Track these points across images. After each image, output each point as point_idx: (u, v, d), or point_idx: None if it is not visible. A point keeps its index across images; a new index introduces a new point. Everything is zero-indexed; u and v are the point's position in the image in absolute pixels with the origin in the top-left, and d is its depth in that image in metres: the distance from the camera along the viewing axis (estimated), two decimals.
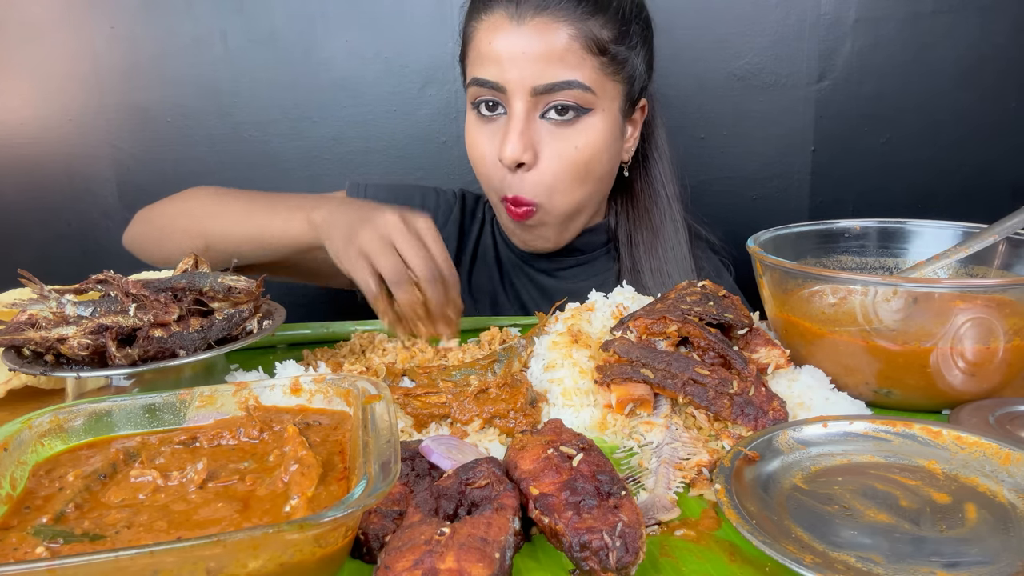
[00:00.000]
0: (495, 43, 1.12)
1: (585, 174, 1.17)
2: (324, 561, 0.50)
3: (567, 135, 1.14)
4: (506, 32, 1.11)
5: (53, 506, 0.56)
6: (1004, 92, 1.73)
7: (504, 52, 1.11)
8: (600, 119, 1.15)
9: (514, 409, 0.78)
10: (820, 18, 1.69)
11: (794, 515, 0.62)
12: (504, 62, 1.11)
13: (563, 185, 1.16)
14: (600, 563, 0.53)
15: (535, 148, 1.13)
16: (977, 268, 0.96)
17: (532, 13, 1.10)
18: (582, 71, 1.11)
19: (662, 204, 1.29)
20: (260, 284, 0.89)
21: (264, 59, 1.76)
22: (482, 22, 1.15)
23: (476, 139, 1.19)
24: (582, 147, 1.14)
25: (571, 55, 1.10)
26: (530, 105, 1.12)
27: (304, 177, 1.84)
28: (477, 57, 1.15)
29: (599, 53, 1.12)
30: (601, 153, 1.17)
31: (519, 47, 1.10)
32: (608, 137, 1.17)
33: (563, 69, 1.11)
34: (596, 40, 1.11)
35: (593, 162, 1.16)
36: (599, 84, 1.13)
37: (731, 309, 0.86)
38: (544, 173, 1.14)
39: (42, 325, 0.79)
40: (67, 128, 1.82)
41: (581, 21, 1.11)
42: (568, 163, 1.14)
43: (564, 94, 1.11)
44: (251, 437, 0.65)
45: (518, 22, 1.10)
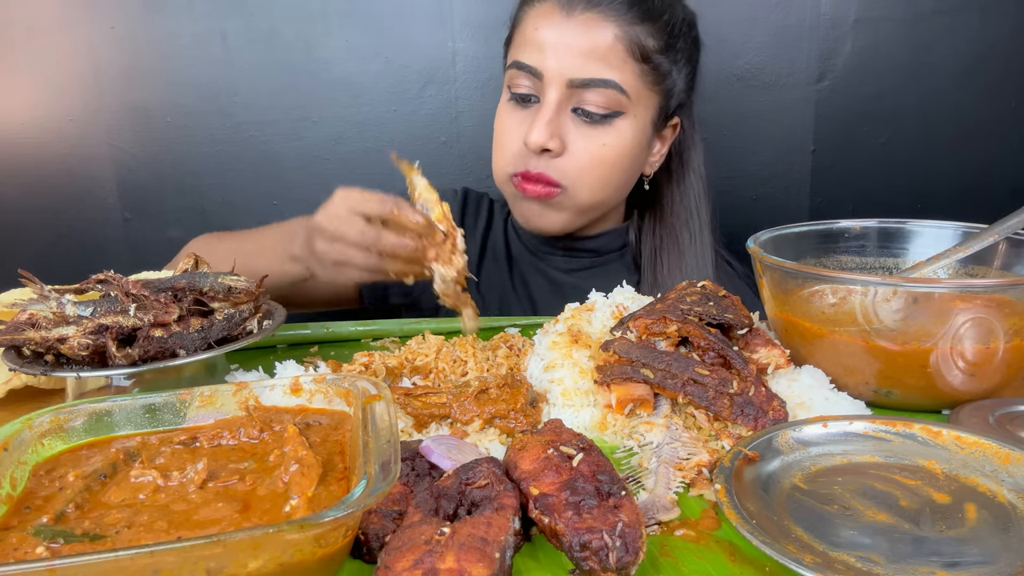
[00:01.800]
0: (541, 30, 1.15)
1: (610, 173, 1.19)
2: (324, 561, 0.50)
3: (595, 132, 1.16)
4: (554, 21, 1.14)
5: (53, 506, 0.56)
6: (1004, 92, 1.73)
7: (549, 40, 1.14)
8: (630, 124, 1.17)
9: (514, 409, 0.78)
10: (820, 18, 1.69)
11: (794, 515, 0.62)
12: (547, 50, 1.14)
13: (589, 176, 1.18)
14: (600, 563, 0.53)
15: (562, 138, 1.16)
16: (977, 268, 0.96)
17: (583, 7, 1.13)
18: (621, 73, 1.14)
19: (693, 227, 1.30)
20: (260, 284, 0.89)
21: (264, 59, 1.76)
22: (534, 8, 1.17)
23: (505, 120, 1.21)
24: (609, 146, 1.17)
25: (613, 55, 1.13)
26: (564, 96, 1.14)
27: (304, 177, 1.84)
28: (522, 42, 1.18)
29: (641, 60, 1.14)
30: (625, 157, 1.19)
31: (564, 38, 1.13)
32: (635, 144, 1.19)
33: (603, 67, 1.13)
34: (641, 46, 1.14)
35: (618, 163, 1.19)
36: (635, 90, 1.15)
37: (731, 309, 0.86)
38: (570, 162, 1.17)
39: (42, 325, 0.79)
40: (67, 128, 1.82)
41: (629, 24, 1.13)
42: (594, 157, 1.17)
43: (599, 92, 1.14)
44: (251, 437, 0.65)
45: (567, 13, 1.13)
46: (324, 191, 1.89)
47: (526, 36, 1.18)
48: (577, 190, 1.19)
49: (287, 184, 1.84)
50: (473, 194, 1.42)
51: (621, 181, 1.23)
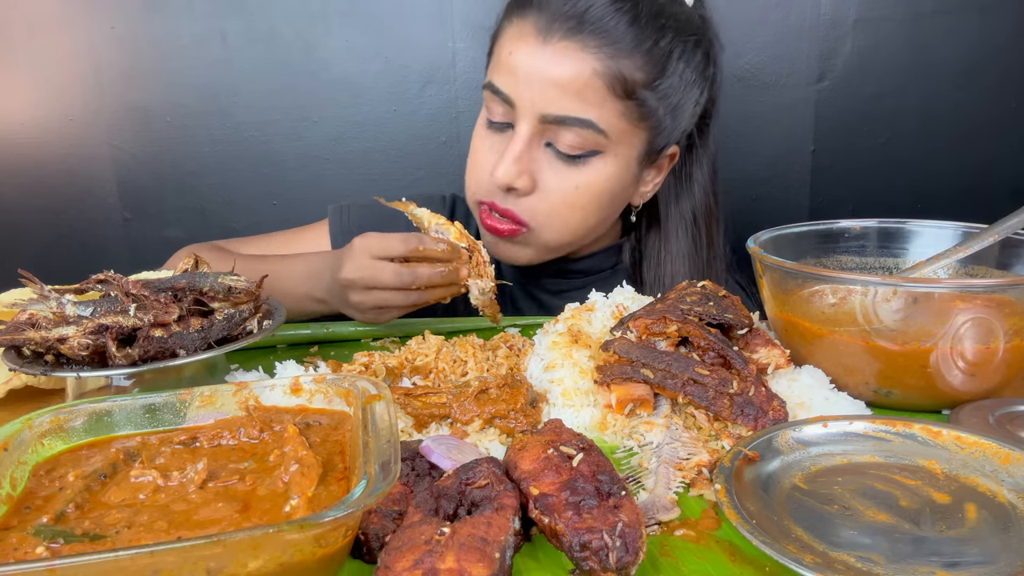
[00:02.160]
0: (515, 55, 1.04)
1: (582, 215, 1.10)
2: (324, 561, 0.50)
3: (569, 172, 1.06)
4: (529, 47, 1.02)
5: (53, 506, 0.56)
6: (1004, 92, 1.73)
7: (522, 68, 1.03)
8: (609, 164, 1.07)
9: (514, 409, 0.78)
10: (820, 18, 1.69)
11: (794, 515, 0.62)
12: (520, 78, 1.03)
13: (557, 220, 1.09)
14: (600, 563, 0.53)
15: (532, 175, 1.06)
16: (977, 268, 0.96)
17: (561, 35, 1.00)
18: (600, 111, 1.02)
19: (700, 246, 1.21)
20: (260, 284, 0.89)
21: (264, 59, 1.76)
22: (512, 26, 1.06)
23: (479, 144, 1.13)
24: (583, 188, 1.07)
25: (591, 92, 1.01)
26: (536, 130, 1.04)
27: (304, 177, 1.84)
28: (497, 62, 1.08)
29: (624, 96, 1.02)
30: (602, 198, 1.09)
31: (538, 67, 1.01)
32: (614, 183, 1.09)
33: (579, 104, 1.01)
34: (624, 82, 1.02)
35: (592, 206, 1.09)
36: (616, 129, 1.04)
37: (731, 309, 0.86)
38: (540, 203, 1.08)
39: (42, 325, 0.79)
40: (67, 128, 1.82)
41: (613, 58, 1.01)
42: (566, 201, 1.07)
43: (574, 131, 1.03)
44: (251, 437, 0.65)
45: (544, 39, 1.01)
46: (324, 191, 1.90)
47: (501, 58, 1.06)
48: (544, 231, 1.10)
49: (287, 184, 1.84)
50: (462, 203, 1.35)
51: (596, 222, 1.13)
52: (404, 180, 1.83)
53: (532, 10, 1.03)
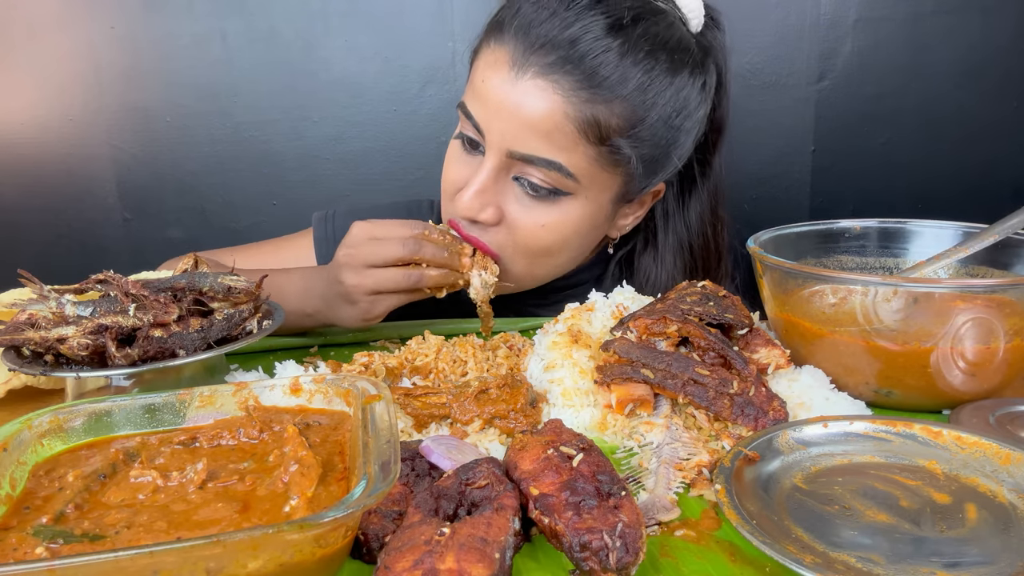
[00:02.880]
0: (487, 83, 0.98)
1: (546, 254, 1.05)
2: (324, 561, 0.50)
3: (536, 210, 1.01)
4: (502, 78, 0.96)
5: (53, 506, 0.56)
6: (1005, 93, 1.73)
7: (493, 99, 0.97)
8: (579, 205, 1.01)
9: (514, 409, 0.78)
10: (820, 18, 1.69)
11: (794, 515, 0.62)
12: (490, 109, 0.97)
13: (525, 258, 1.05)
14: (600, 563, 0.53)
15: (499, 207, 1.01)
16: (977, 268, 0.96)
17: (535, 71, 0.94)
18: (570, 156, 0.96)
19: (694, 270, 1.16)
20: (260, 284, 0.89)
21: (264, 59, 1.76)
22: (488, 51, 1.00)
23: (451, 159, 1.07)
24: (549, 226, 1.01)
25: (562, 135, 0.95)
26: (503, 164, 0.99)
27: (304, 177, 1.84)
28: (472, 84, 1.03)
29: (597, 143, 0.96)
30: (570, 238, 1.04)
31: (508, 101, 0.95)
32: (584, 224, 1.04)
33: (548, 146, 0.95)
34: (598, 127, 0.95)
35: (559, 244, 1.04)
36: (588, 174, 0.98)
37: (731, 309, 0.86)
38: (505, 236, 1.03)
39: (42, 325, 0.79)
40: (67, 128, 1.82)
41: (586, 102, 0.94)
42: (531, 238, 1.02)
43: (542, 172, 0.97)
44: (251, 437, 0.65)
45: (518, 73, 0.95)
46: (324, 191, 1.89)
47: (475, 82, 1.01)
48: (512, 265, 1.05)
49: (287, 184, 1.84)
50: None
51: (564, 260, 1.08)
52: (404, 180, 1.83)
53: (509, 36, 0.97)
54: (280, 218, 1.85)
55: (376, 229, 0.97)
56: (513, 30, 0.97)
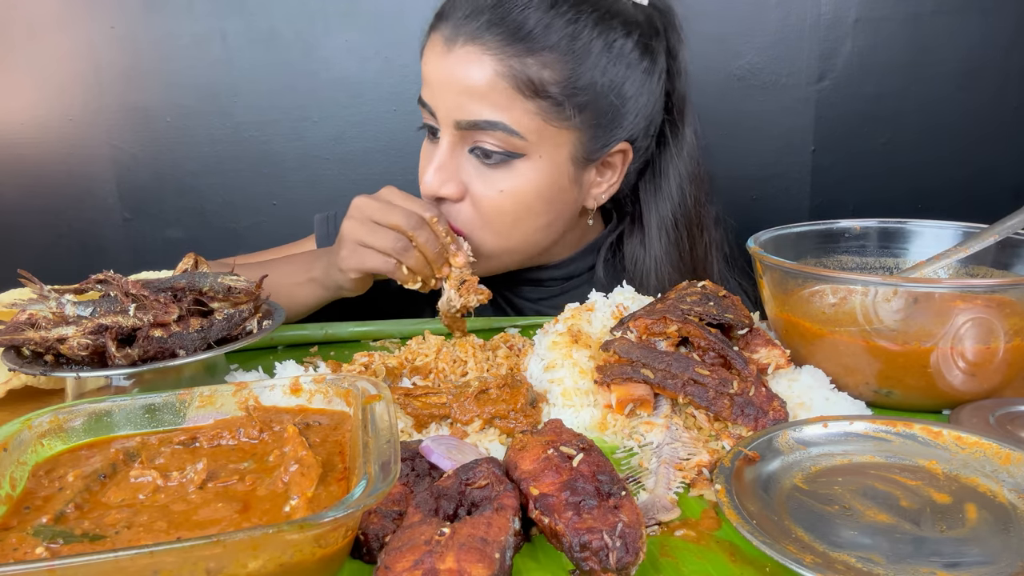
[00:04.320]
0: (428, 65, 1.05)
1: (512, 220, 1.06)
2: (324, 561, 0.50)
3: (492, 176, 1.04)
4: (437, 55, 1.03)
5: (53, 506, 0.56)
6: (1005, 93, 1.73)
7: (433, 78, 1.04)
8: (534, 166, 1.03)
9: (514, 409, 0.78)
10: (820, 18, 1.69)
11: (794, 515, 0.62)
12: (434, 88, 1.04)
13: (489, 227, 1.07)
14: (600, 563, 0.53)
15: (461, 182, 1.05)
16: (977, 268, 0.96)
17: (464, 39, 1.00)
18: (510, 113, 0.99)
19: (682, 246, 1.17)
20: (260, 284, 0.89)
21: (264, 59, 1.76)
22: (429, 39, 1.07)
23: (422, 155, 1.14)
24: (508, 191, 1.04)
25: (496, 94, 0.99)
26: (455, 137, 1.03)
27: (304, 177, 1.84)
28: (422, 76, 1.09)
29: (535, 95, 0.99)
30: (533, 202, 1.06)
31: (444, 75, 1.02)
32: (544, 186, 1.05)
33: (487, 108, 1.00)
34: (531, 81, 0.99)
35: (523, 210, 1.06)
36: (534, 131, 1.01)
37: (731, 309, 0.86)
38: (469, 209, 1.06)
39: (42, 325, 0.79)
40: (67, 128, 1.82)
41: (515, 57, 0.98)
42: (493, 206, 1.05)
43: (488, 135, 1.01)
44: (251, 437, 0.65)
45: (448, 48, 1.01)
46: (324, 191, 1.89)
47: (423, 71, 1.08)
48: (481, 238, 1.07)
49: (287, 184, 1.84)
50: None
51: (537, 225, 1.09)
52: (404, 180, 1.82)
53: (442, 20, 1.04)
54: (280, 218, 1.85)
55: (395, 196, 1.01)
56: (444, 15, 1.04)
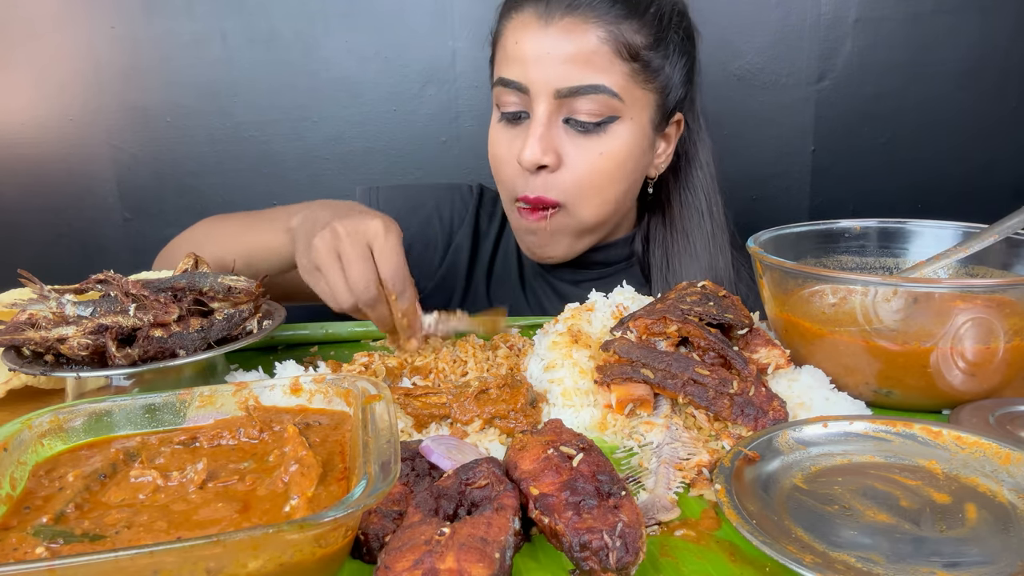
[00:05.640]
0: (522, 42, 1.09)
1: (609, 182, 1.13)
2: (324, 561, 0.50)
3: (590, 142, 1.11)
4: (533, 31, 1.08)
5: (53, 506, 0.56)
6: (1004, 92, 1.73)
7: (530, 52, 1.08)
8: (627, 128, 1.11)
9: (514, 409, 0.78)
10: (820, 18, 1.69)
11: (794, 515, 0.62)
12: (529, 62, 1.09)
13: (589, 191, 1.13)
14: (600, 563, 0.53)
15: (557, 152, 1.10)
16: (977, 268, 0.96)
17: (561, 13, 1.07)
18: (610, 76, 1.08)
19: (705, 228, 1.24)
20: (260, 284, 0.89)
21: (264, 59, 1.76)
22: (512, 21, 1.12)
23: (497, 140, 1.17)
24: (607, 154, 1.11)
25: (599, 58, 1.07)
26: (553, 108, 1.09)
27: (304, 177, 1.84)
28: (504, 57, 1.13)
29: (630, 59, 1.09)
30: (626, 163, 1.13)
31: (545, 47, 1.07)
32: (635, 147, 1.13)
33: (590, 72, 1.07)
34: (628, 45, 1.08)
35: (618, 171, 1.13)
36: (628, 91, 1.10)
37: (731, 309, 0.86)
38: (568, 176, 1.11)
39: (42, 325, 0.79)
40: (67, 128, 1.82)
41: (614, 24, 1.08)
42: (592, 169, 1.11)
43: (590, 99, 1.08)
44: (251, 437, 0.65)
45: (546, 21, 1.08)
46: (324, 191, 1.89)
47: (507, 51, 1.12)
48: (578, 206, 1.13)
49: (287, 184, 1.84)
50: (489, 194, 1.37)
51: (623, 189, 1.17)
52: (404, 180, 1.83)
53: (529, 2, 1.10)
54: None
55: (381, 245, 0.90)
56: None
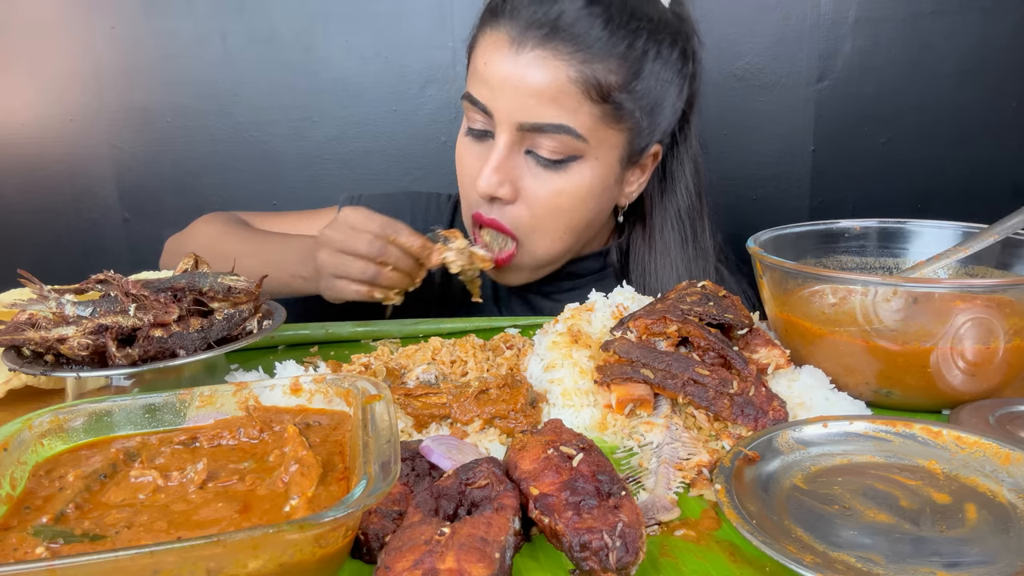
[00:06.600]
0: (491, 64, 1.04)
1: (566, 220, 1.09)
2: (324, 561, 0.50)
3: (550, 178, 1.06)
4: (503, 56, 1.02)
5: (53, 506, 0.56)
6: (1004, 92, 1.73)
7: (496, 78, 1.03)
8: (590, 167, 1.06)
9: (514, 409, 0.78)
10: (820, 18, 1.69)
11: (794, 515, 0.62)
12: (496, 88, 1.03)
13: (544, 228, 1.09)
14: (600, 563, 0.53)
15: (515, 183, 1.06)
16: (977, 268, 0.96)
17: (534, 43, 1.01)
18: (577, 117, 1.02)
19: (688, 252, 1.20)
20: (260, 284, 0.89)
21: (264, 59, 1.76)
22: (486, 36, 1.06)
23: (462, 153, 1.13)
24: (566, 192, 1.06)
25: (567, 98, 1.01)
26: (515, 139, 1.04)
27: (304, 177, 1.84)
28: (474, 73, 1.08)
29: (601, 100, 1.02)
30: (586, 201, 1.09)
31: (513, 77, 1.02)
32: (597, 186, 1.08)
33: (555, 111, 1.01)
34: (600, 86, 1.02)
35: (576, 210, 1.09)
36: (595, 133, 1.04)
37: (731, 309, 0.86)
38: (523, 211, 1.08)
39: (42, 325, 0.79)
40: (67, 128, 1.82)
41: (587, 63, 1.01)
42: (549, 207, 1.07)
43: (553, 137, 1.03)
44: (251, 437, 0.65)
45: (517, 49, 1.01)
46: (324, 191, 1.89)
47: (477, 69, 1.07)
48: (532, 242, 1.10)
49: (287, 184, 1.84)
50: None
51: (581, 227, 1.12)
52: (404, 180, 1.83)
53: (504, 19, 1.04)
54: None
55: (356, 219, 1.02)
56: (507, 13, 1.04)
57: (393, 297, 1.04)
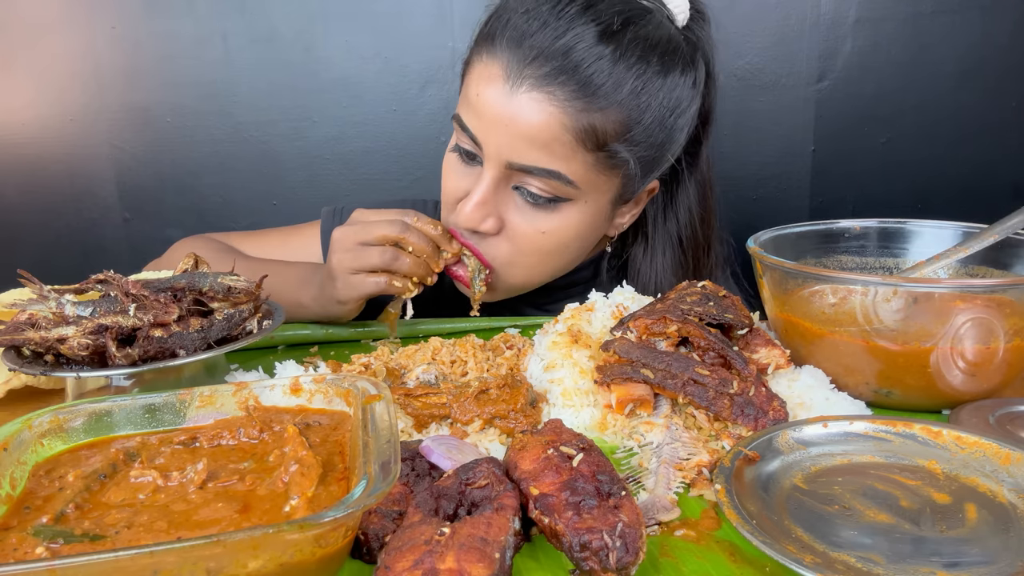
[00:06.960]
0: (483, 96, 0.98)
1: (548, 259, 1.07)
2: (324, 561, 0.50)
3: (536, 216, 1.02)
4: (496, 91, 0.96)
5: (53, 506, 0.56)
6: (1004, 92, 1.73)
7: (488, 113, 0.97)
8: (579, 209, 1.03)
9: (514, 409, 0.78)
10: (820, 18, 1.69)
11: (794, 515, 0.62)
12: (486, 123, 0.98)
13: (523, 264, 1.07)
14: (600, 563, 0.53)
15: (500, 216, 1.03)
16: (977, 268, 0.96)
17: (531, 83, 0.94)
18: (569, 164, 0.97)
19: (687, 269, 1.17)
20: (260, 284, 0.89)
21: (264, 59, 1.76)
22: (482, 62, 1.00)
23: (448, 169, 1.09)
24: (551, 232, 1.03)
25: (560, 146, 0.96)
26: (503, 176, 1.00)
27: (304, 177, 1.84)
28: (466, 97, 1.02)
29: (596, 149, 0.97)
30: (571, 242, 1.06)
31: (505, 115, 0.96)
32: (584, 227, 1.05)
33: (547, 157, 0.96)
34: (595, 134, 0.96)
35: (559, 251, 1.07)
36: (587, 179, 1.00)
37: (731, 309, 0.86)
38: (505, 245, 1.05)
39: (42, 325, 0.79)
40: (68, 128, 1.82)
41: (584, 111, 0.95)
42: (532, 245, 1.04)
43: (542, 181, 0.99)
44: (251, 437, 0.65)
45: (513, 86, 0.95)
46: (324, 191, 1.90)
47: (469, 95, 1.01)
48: (508, 273, 1.07)
49: (287, 184, 1.84)
50: None
51: (563, 265, 1.10)
52: (404, 180, 1.83)
53: (502, 49, 0.97)
54: (280, 218, 1.85)
55: (368, 214, 1.03)
56: (505, 42, 0.97)
57: (411, 287, 1.02)
